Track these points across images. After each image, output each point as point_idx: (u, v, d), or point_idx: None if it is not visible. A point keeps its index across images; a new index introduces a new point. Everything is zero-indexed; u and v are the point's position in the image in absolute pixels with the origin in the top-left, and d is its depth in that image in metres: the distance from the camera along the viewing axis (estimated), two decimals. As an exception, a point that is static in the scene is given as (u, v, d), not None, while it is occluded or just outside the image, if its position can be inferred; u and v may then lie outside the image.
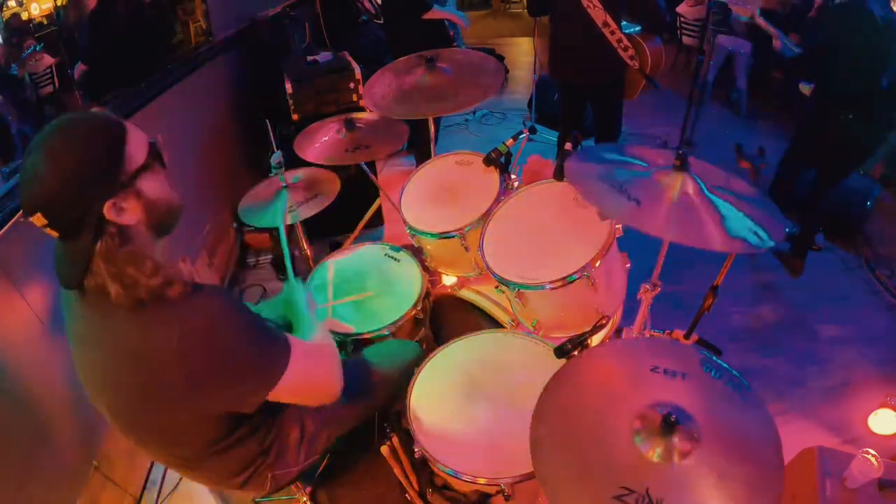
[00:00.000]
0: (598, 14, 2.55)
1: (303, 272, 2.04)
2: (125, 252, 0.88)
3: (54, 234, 0.87)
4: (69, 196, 0.83)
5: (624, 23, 2.71)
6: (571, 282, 1.41)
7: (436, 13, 3.25)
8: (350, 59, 3.05)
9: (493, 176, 1.82)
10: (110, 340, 0.93)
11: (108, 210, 0.86)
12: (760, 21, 2.48)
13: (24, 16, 1.70)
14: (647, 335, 1.80)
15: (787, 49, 2.49)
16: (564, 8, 2.65)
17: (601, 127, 3.02)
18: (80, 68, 1.98)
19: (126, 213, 0.89)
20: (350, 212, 2.53)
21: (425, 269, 1.86)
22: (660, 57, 2.83)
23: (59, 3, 1.86)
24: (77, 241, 0.87)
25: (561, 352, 1.34)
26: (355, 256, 1.96)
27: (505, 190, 1.78)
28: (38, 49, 1.76)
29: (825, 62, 2.41)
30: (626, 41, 2.64)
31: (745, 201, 1.22)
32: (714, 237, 1.10)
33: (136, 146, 0.91)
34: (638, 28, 2.96)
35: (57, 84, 1.84)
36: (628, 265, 1.65)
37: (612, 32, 2.60)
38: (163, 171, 0.97)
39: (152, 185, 0.93)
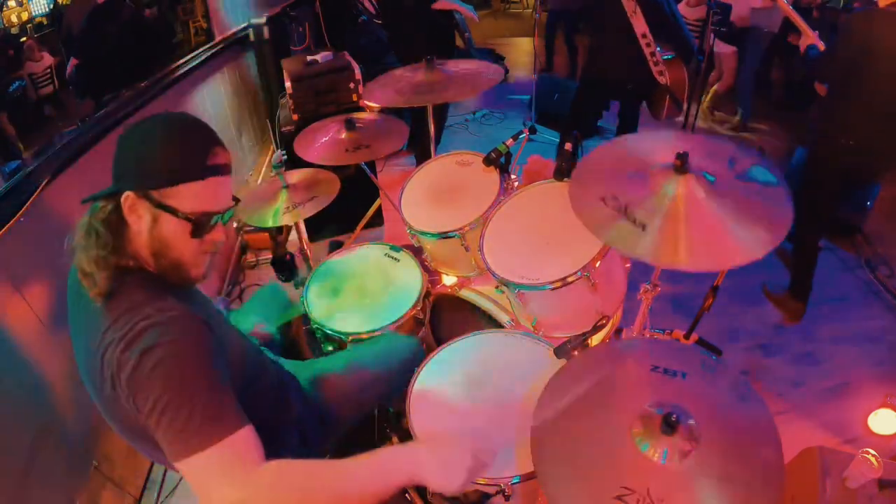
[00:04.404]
0: (640, 24, 2.80)
1: (303, 272, 2.05)
2: (95, 235, 0.91)
3: None
4: (120, 153, 0.93)
5: (658, 48, 2.96)
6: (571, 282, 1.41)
7: (444, 4, 3.19)
8: (350, 59, 3.04)
9: (493, 176, 1.81)
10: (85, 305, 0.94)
11: (125, 196, 0.90)
12: (786, 7, 2.27)
13: (16, 19, 1.67)
14: (647, 335, 1.79)
15: (813, 47, 2.19)
16: (612, 17, 2.90)
17: (623, 124, 3.61)
18: (72, 63, 1.95)
19: (134, 216, 0.91)
20: (350, 212, 2.53)
21: (425, 269, 1.86)
22: (682, 81, 3.07)
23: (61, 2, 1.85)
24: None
25: (561, 352, 1.34)
26: (355, 256, 1.96)
27: (505, 190, 1.78)
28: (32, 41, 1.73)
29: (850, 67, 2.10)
30: (658, 56, 2.91)
31: (750, 189, 1.18)
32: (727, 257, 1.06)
33: (194, 197, 0.92)
34: (671, 56, 3.16)
35: (57, 84, 1.84)
36: (628, 265, 1.65)
37: (648, 44, 2.84)
38: (189, 237, 0.94)
39: (170, 230, 0.93)
